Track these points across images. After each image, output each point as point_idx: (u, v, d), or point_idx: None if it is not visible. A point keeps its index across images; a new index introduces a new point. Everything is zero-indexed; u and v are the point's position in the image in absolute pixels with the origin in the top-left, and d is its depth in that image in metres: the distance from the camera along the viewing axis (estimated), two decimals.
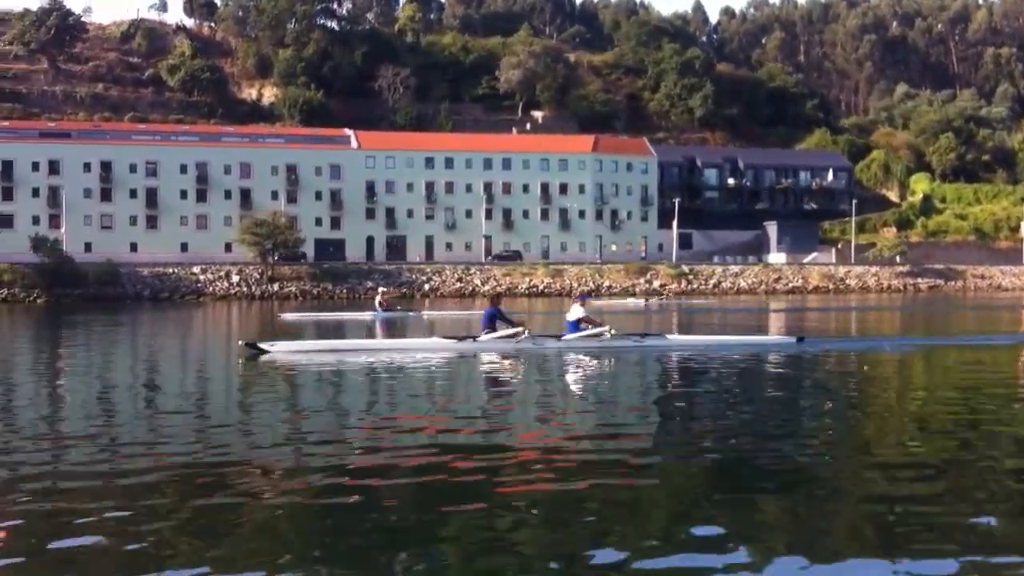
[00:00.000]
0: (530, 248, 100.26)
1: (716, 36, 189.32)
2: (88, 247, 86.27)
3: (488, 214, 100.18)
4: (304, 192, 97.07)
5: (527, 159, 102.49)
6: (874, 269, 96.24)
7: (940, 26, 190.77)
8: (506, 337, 19.48)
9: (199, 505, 7.06)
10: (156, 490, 7.52)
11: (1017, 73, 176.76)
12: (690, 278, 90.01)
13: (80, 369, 18.78)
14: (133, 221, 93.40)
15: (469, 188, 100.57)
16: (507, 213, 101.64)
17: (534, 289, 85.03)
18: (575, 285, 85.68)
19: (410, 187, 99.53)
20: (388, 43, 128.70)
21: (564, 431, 10.31)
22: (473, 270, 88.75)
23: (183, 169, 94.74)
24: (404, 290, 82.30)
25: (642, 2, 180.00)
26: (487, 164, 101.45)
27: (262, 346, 19.61)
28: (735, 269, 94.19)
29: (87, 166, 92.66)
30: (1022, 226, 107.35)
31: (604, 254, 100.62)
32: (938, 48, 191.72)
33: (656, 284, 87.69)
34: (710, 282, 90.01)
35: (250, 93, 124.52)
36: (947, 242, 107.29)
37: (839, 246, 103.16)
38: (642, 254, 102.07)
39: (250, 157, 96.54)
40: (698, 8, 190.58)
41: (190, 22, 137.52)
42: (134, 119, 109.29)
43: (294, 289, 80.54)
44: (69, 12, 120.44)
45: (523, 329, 19.65)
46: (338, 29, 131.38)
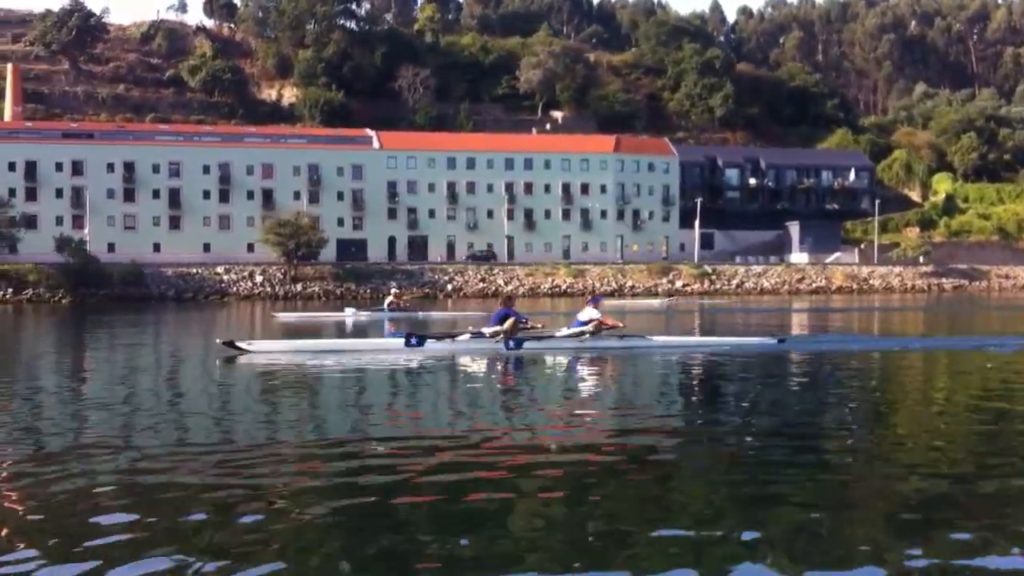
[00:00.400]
0: (551, 248, 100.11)
1: (733, 36, 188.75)
2: (111, 247, 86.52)
3: (510, 214, 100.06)
4: (326, 192, 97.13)
5: (549, 159, 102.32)
6: (898, 269, 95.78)
7: (959, 25, 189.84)
8: (483, 336, 19.46)
9: (217, 501, 7.07)
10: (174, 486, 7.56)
11: None
12: (713, 278, 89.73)
13: (117, 368, 18.77)
14: (156, 221, 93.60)
15: (490, 188, 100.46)
16: (528, 213, 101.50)
17: (556, 289, 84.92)
18: (597, 285, 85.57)
19: (431, 187, 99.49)
20: (408, 43, 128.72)
21: (571, 430, 10.28)
22: (496, 270, 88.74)
23: (206, 169, 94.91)
24: (427, 290, 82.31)
25: (659, 2, 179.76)
26: (508, 164, 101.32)
27: (240, 345, 19.45)
28: (758, 269, 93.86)
29: (110, 167, 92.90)
30: None
31: (625, 254, 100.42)
32: (957, 47, 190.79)
33: (679, 284, 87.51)
34: (733, 282, 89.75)
35: (270, 94, 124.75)
36: (970, 242, 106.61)
37: (862, 246, 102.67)
38: (663, 254, 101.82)
39: (272, 157, 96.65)
40: (715, 7, 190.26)
41: (210, 23, 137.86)
42: (155, 120, 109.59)
43: (317, 289, 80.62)
44: (90, 13, 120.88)
45: (502, 329, 19.47)
46: (357, 30, 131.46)
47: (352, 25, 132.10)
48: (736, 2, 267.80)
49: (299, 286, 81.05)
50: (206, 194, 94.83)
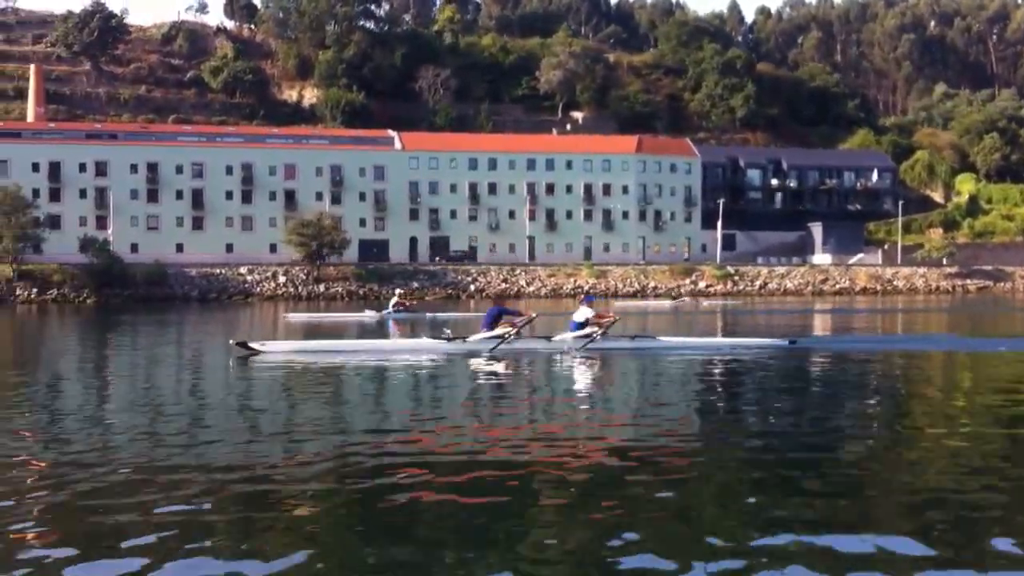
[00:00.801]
0: (572, 249, 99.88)
1: (751, 36, 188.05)
2: (134, 248, 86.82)
3: (531, 215, 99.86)
4: (348, 193, 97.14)
5: (570, 160, 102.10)
6: (922, 270, 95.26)
7: (979, 25, 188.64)
8: (495, 337, 19.48)
9: (234, 498, 7.16)
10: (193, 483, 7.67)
11: None
12: (736, 279, 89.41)
13: (139, 371, 18.86)
14: (179, 222, 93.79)
15: (512, 189, 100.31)
16: (550, 214, 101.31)
17: (579, 290, 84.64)
18: (620, 286, 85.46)
19: (453, 188, 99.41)
20: (428, 44, 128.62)
21: (588, 430, 10.27)
22: (518, 271, 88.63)
23: (228, 170, 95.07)
24: (449, 291, 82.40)
25: (678, 2, 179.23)
26: (530, 165, 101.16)
27: (254, 346, 19.67)
28: (781, 270, 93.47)
29: (134, 167, 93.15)
30: None
31: (647, 255, 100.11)
32: (977, 47, 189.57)
33: (702, 285, 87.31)
34: (756, 283, 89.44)
35: (290, 95, 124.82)
36: (994, 243, 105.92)
37: (885, 247, 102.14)
38: (685, 255, 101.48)
39: (294, 158, 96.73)
40: (733, 7, 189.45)
41: (230, 24, 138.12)
42: (177, 120, 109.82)
43: (340, 289, 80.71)
44: (112, 14, 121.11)
45: (512, 329, 19.67)
46: (377, 30, 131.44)
47: (372, 26, 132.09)
48: (754, 2, 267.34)
49: (322, 287, 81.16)
50: (229, 195, 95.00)
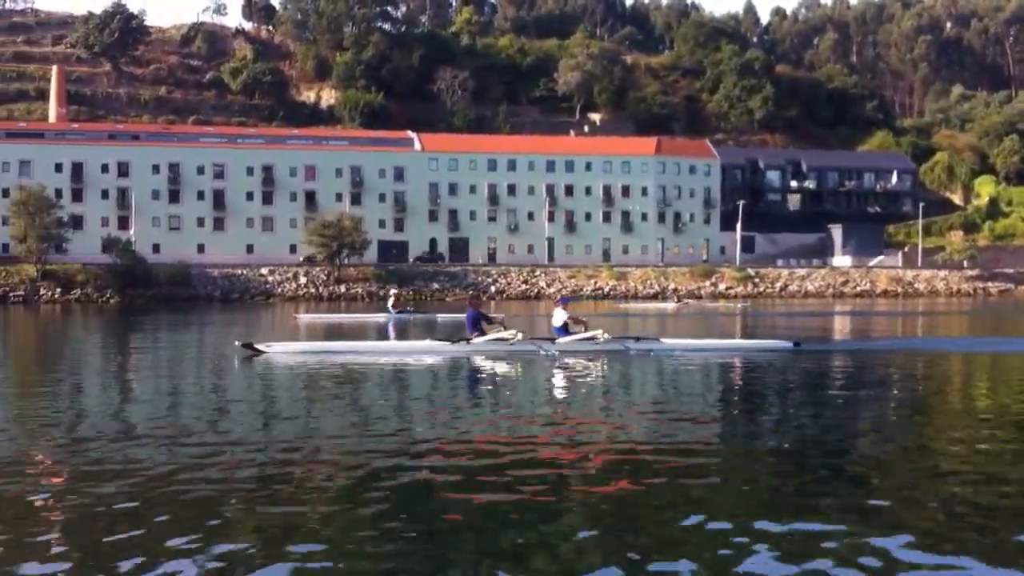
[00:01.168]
0: (591, 250, 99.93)
1: (767, 37, 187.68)
2: (156, 248, 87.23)
3: (550, 216, 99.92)
4: (368, 194, 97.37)
5: (590, 161, 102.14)
6: (943, 273, 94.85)
7: (996, 27, 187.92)
8: (500, 340, 19.50)
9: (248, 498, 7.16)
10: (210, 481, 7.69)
11: None
12: (756, 281, 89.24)
13: (162, 369, 18.96)
14: (200, 223, 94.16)
15: (531, 190, 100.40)
16: (569, 215, 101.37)
17: (599, 292, 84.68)
18: (639, 288, 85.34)
19: (473, 189, 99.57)
20: (445, 45, 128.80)
21: (608, 434, 10.19)
22: (538, 272, 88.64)
23: (249, 171, 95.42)
24: (470, 291, 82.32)
25: (693, 3, 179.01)
26: (549, 166, 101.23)
27: (258, 347, 19.75)
28: (801, 272, 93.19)
29: (155, 168, 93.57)
30: None
31: (666, 257, 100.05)
32: (994, 49, 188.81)
33: (722, 287, 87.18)
34: (776, 285, 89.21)
35: (309, 96, 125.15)
36: (1015, 246, 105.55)
37: (905, 249, 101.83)
38: (704, 257, 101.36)
39: (315, 159, 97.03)
40: (749, 9, 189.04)
41: (248, 25, 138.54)
42: (197, 122, 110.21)
43: (360, 290, 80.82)
44: (132, 15, 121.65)
45: (517, 332, 19.78)
46: (395, 32, 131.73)
47: (389, 27, 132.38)
48: (769, 3, 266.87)
49: (343, 287, 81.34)
50: (249, 196, 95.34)
